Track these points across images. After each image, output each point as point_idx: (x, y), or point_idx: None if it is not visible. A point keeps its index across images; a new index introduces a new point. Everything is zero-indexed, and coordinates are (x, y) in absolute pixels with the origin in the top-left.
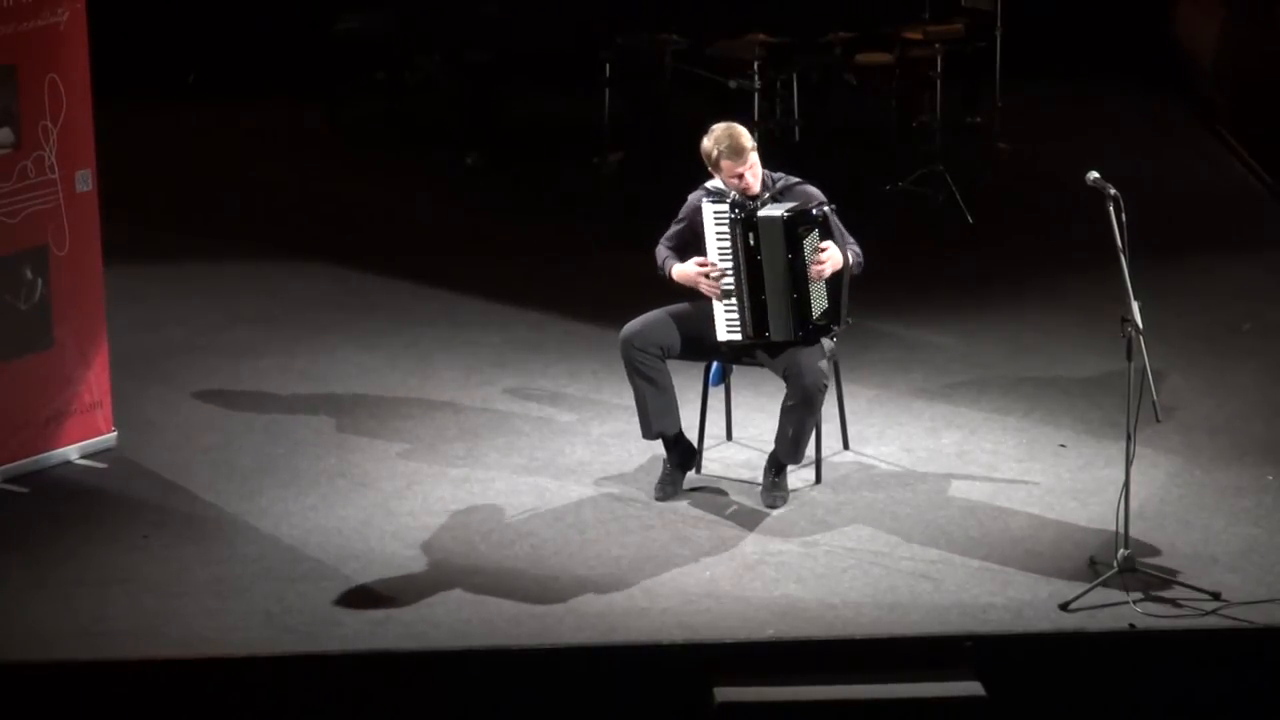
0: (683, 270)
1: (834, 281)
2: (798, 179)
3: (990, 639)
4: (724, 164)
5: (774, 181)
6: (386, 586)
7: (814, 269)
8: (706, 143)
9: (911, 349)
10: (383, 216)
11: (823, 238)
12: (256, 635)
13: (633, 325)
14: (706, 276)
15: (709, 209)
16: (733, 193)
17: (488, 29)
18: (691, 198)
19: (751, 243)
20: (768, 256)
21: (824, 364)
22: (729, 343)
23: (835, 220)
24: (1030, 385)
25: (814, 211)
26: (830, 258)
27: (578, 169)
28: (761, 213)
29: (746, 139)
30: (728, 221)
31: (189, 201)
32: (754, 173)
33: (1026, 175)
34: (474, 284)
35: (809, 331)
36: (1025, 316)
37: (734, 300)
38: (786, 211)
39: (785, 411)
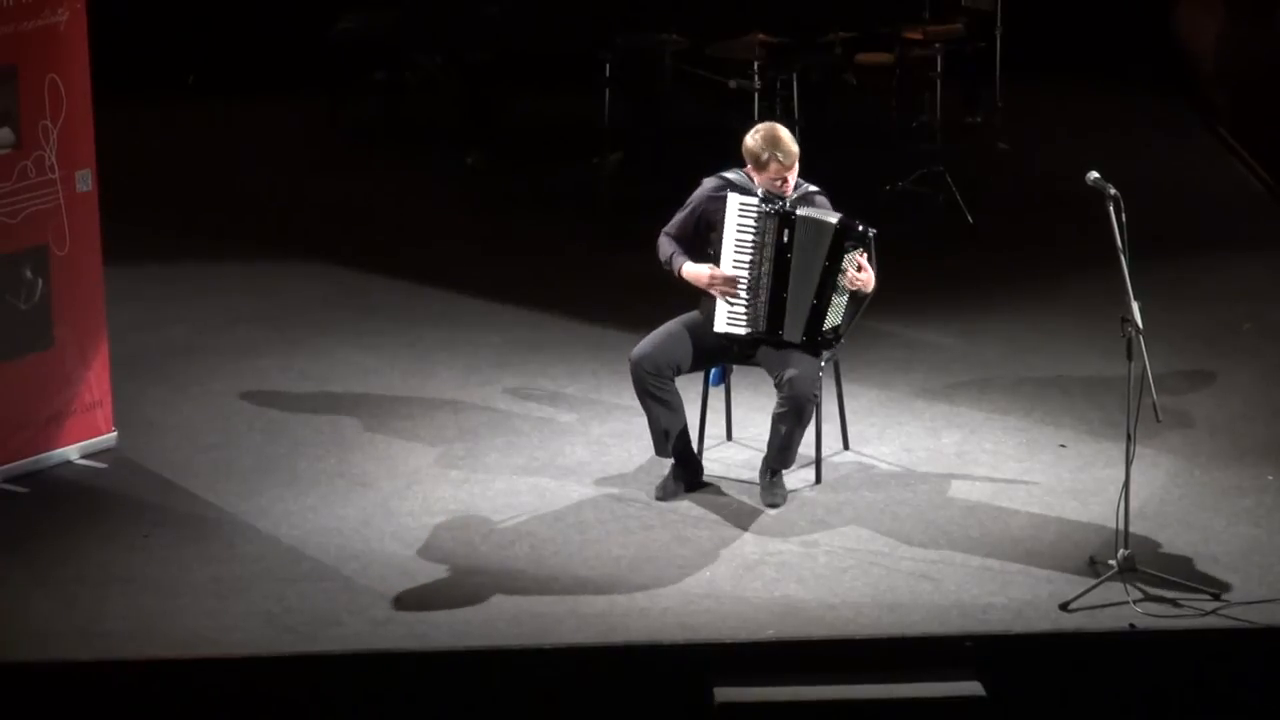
0: (695, 271)
1: (853, 301)
2: (816, 188)
3: (990, 639)
4: (773, 167)
5: (795, 184)
6: (386, 586)
7: (849, 277)
8: (753, 143)
9: (912, 349)
10: (382, 216)
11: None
12: (256, 635)
13: (643, 347)
14: (723, 282)
15: (735, 199)
16: (760, 188)
17: (488, 29)
18: (706, 185)
19: (785, 239)
20: (803, 257)
21: (817, 374)
22: (728, 334)
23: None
24: (1031, 385)
25: (860, 228)
26: (868, 278)
27: (578, 169)
28: (802, 211)
29: (794, 143)
30: (758, 214)
31: (189, 201)
32: (793, 175)
33: (1026, 175)
34: (474, 284)
35: (813, 341)
36: (1025, 316)
37: (743, 292)
38: (839, 221)
39: (776, 419)
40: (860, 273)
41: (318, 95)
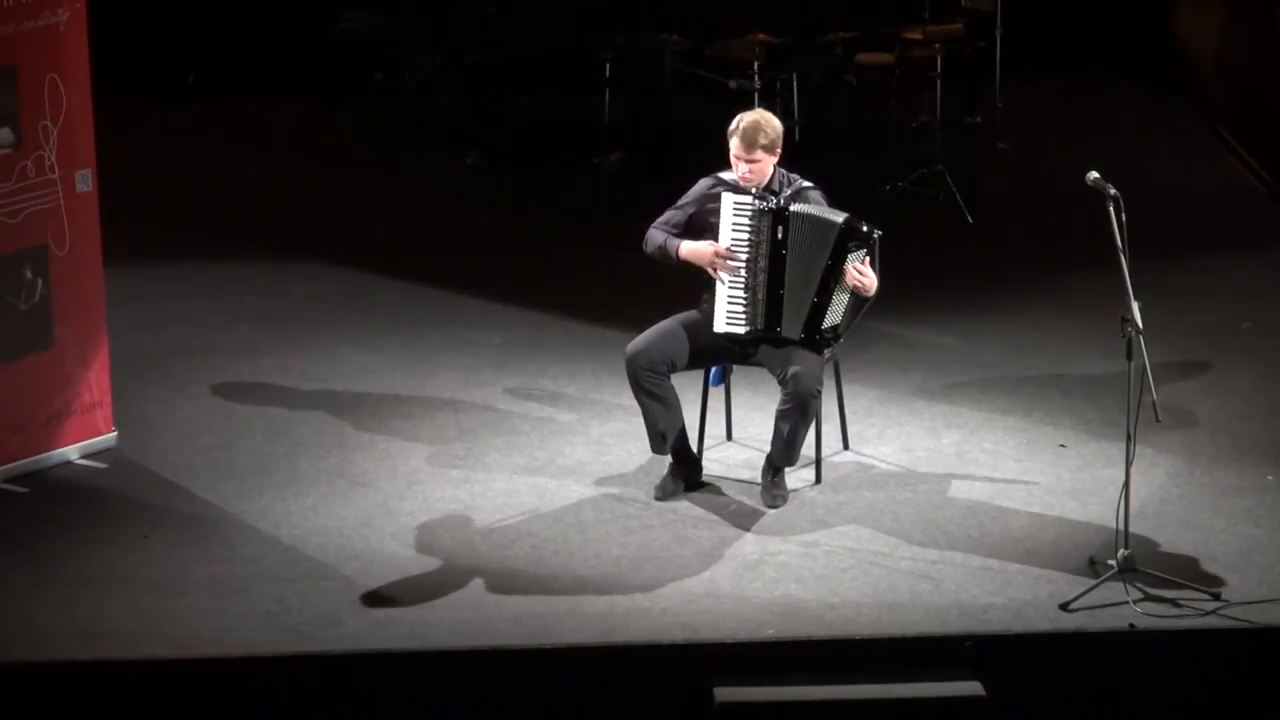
0: (694, 249)
1: (854, 302)
2: (810, 184)
3: (990, 639)
4: (731, 142)
5: (789, 180)
6: (386, 586)
7: (850, 277)
8: (735, 120)
9: (912, 349)
10: (383, 216)
11: (867, 258)
12: (256, 635)
13: (637, 343)
14: (723, 259)
15: (729, 197)
16: (752, 186)
17: (488, 29)
18: (700, 185)
19: (779, 236)
20: (801, 254)
21: (820, 371)
22: (728, 334)
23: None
24: (1030, 385)
25: (865, 229)
26: (869, 279)
27: (578, 169)
28: (796, 208)
29: (764, 136)
30: (751, 210)
31: (189, 201)
32: (755, 170)
33: (1026, 175)
34: (474, 284)
35: (812, 339)
36: (1025, 316)
37: (741, 291)
38: (844, 220)
39: (780, 416)
40: (863, 275)
41: (318, 95)
